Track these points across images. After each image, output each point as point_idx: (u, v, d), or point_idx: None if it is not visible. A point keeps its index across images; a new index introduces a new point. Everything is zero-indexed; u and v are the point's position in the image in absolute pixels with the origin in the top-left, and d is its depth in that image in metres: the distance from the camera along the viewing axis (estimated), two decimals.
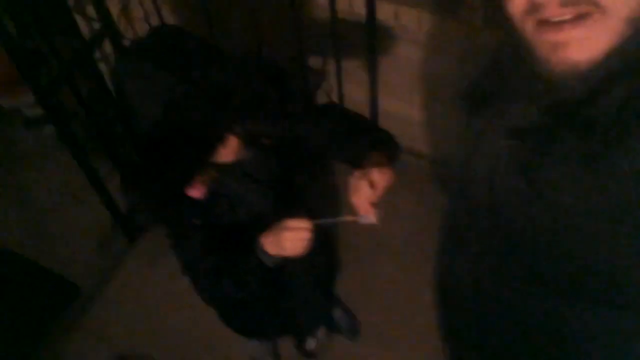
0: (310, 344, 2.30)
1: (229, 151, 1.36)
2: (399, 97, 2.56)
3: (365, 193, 1.22)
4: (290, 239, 1.33)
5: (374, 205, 1.25)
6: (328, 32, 2.30)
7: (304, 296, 1.78)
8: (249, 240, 1.43)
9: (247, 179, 1.48)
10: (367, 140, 1.39)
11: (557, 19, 0.69)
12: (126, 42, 2.02)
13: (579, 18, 0.67)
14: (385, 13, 2.16)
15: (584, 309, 0.87)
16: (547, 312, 0.93)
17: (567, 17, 0.68)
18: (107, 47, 2.05)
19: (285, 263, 1.42)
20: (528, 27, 0.73)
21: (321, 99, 2.67)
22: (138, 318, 2.53)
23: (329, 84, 2.61)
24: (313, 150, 1.55)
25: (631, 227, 0.71)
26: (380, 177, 1.24)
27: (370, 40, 2.27)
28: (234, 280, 1.45)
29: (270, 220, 1.43)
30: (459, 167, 0.97)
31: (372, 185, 1.23)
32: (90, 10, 1.91)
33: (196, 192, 1.40)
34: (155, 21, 2.14)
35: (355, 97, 2.64)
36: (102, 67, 2.05)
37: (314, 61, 2.53)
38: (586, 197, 0.74)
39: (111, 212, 2.53)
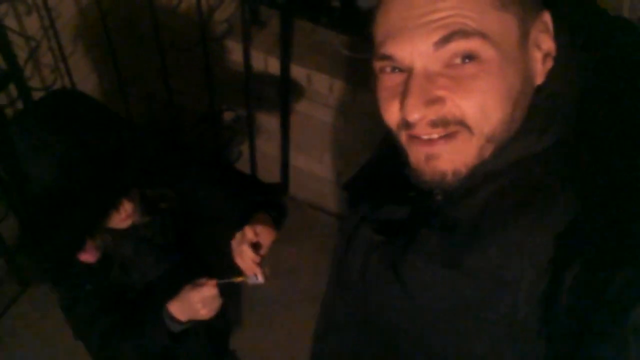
0: None
1: (123, 215, 1.34)
2: (310, 155, 2.60)
3: (248, 255, 1.24)
4: (202, 300, 1.33)
5: (259, 265, 1.27)
6: (242, 88, 2.32)
7: (194, 357, 1.75)
8: (150, 307, 1.40)
9: (143, 243, 1.46)
10: (256, 200, 1.42)
11: (427, 137, 0.73)
12: (33, 92, 1.97)
13: (448, 136, 0.72)
14: (298, 75, 2.21)
15: None
16: None
17: (434, 136, 0.72)
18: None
19: (191, 327, 1.41)
20: (402, 137, 0.77)
21: (232, 152, 2.67)
22: None
23: (241, 138, 2.62)
24: (211, 213, 1.56)
25: (487, 324, 0.74)
26: (262, 236, 1.27)
27: (283, 100, 2.31)
28: (135, 346, 1.41)
29: (166, 285, 1.41)
30: (337, 257, 0.99)
31: (254, 246, 1.25)
32: None
33: (88, 256, 1.37)
34: (62, 69, 2.10)
35: (267, 152, 2.66)
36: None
37: (227, 115, 2.55)
38: (445, 296, 0.77)
39: (3, 256, 2.42)
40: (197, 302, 1.33)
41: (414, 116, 0.70)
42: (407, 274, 0.81)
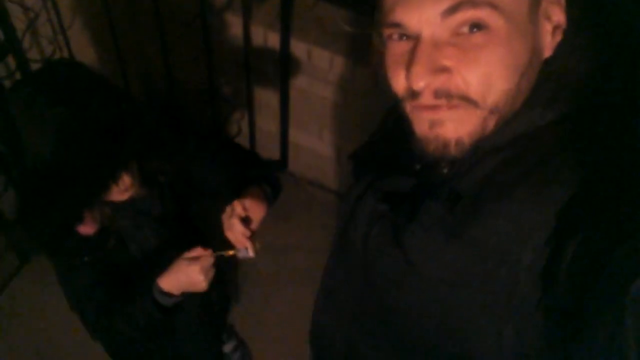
0: None
1: (122, 188, 1.33)
2: (309, 131, 2.59)
3: (237, 229, 1.25)
4: (202, 271, 1.33)
5: (249, 238, 1.28)
6: (242, 62, 2.31)
7: (192, 334, 1.76)
8: (143, 280, 1.41)
9: (141, 216, 1.46)
10: (250, 174, 1.42)
11: (431, 104, 0.73)
12: (32, 63, 1.95)
13: (451, 106, 0.72)
14: (298, 50, 2.19)
15: None
16: None
17: (439, 103, 0.73)
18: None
19: (183, 301, 1.41)
20: (408, 107, 0.77)
21: (231, 128, 2.67)
22: (25, 342, 2.41)
23: (240, 114, 2.61)
24: (208, 187, 1.56)
25: (487, 297, 0.75)
26: (252, 211, 1.27)
27: (283, 75, 2.30)
28: (126, 319, 1.42)
29: (163, 257, 1.41)
30: (341, 225, 0.99)
31: (244, 220, 1.26)
32: None
33: (86, 229, 1.37)
34: (61, 41, 2.09)
35: (266, 128, 2.66)
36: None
37: (227, 90, 2.53)
38: (446, 266, 0.78)
39: (2, 231, 2.42)
40: (197, 274, 1.33)
41: (419, 84, 0.70)
42: (409, 244, 0.81)
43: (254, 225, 1.30)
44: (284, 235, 2.66)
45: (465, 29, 0.68)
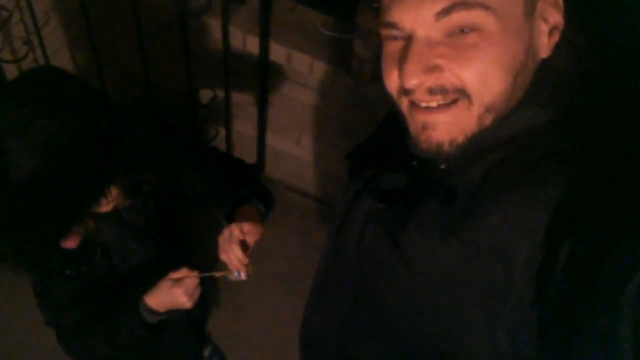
0: None
1: (108, 200, 1.30)
2: (288, 136, 2.58)
3: (234, 252, 1.22)
4: (186, 293, 1.31)
5: (244, 262, 1.25)
6: (221, 66, 2.29)
7: (173, 342, 1.73)
8: (127, 294, 1.37)
9: (124, 227, 1.42)
10: (242, 193, 1.38)
11: (424, 104, 0.74)
12: (4, 64, 1.90)
13: (447, 105, 0.73)
14: (278, 55, 2.18)
15: None
16: None
17: (433, 104, 0.73)
18: None
19: (170, 317, 1.38)
20: (403, 105, 0.78)
21: (209, 133, 2.64)
22: None
23: (218, 117, 2.59)
24: (194, 197, 1.52)
25: (482, 297, 0.75)
26: (248, 236, 1.25)
27: (262, 79, 2.28)
28: (106, 336, 1.38)
29: (148, 270, 1.38)
30: (336, 223, 0.99)
31: (240, 243, 1.23)
32: None
33: (70, 242, 1.32)
34: (35, 41, 2.04)
35: (244, 132, 2.64)
36: None
37: (205, 94, 2.50)
38: (443, 264, 0.78)
39: None
40: (181, 296, 1.32)
41: (411, 82, 0.71)
42: (406, 242, 0.81)
43: (249, 250, 1.28)
44: (261, 241, 2.62)
45: (459, 30, 0.69)
